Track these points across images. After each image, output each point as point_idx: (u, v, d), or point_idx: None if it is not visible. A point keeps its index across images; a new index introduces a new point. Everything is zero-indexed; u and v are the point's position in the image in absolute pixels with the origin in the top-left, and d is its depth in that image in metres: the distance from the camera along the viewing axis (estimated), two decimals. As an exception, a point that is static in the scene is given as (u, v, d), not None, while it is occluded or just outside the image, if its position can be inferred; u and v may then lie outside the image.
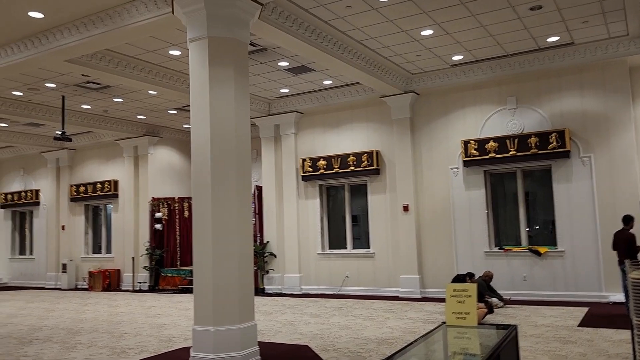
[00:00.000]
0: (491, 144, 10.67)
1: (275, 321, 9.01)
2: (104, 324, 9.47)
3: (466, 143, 10.91)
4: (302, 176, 12.83)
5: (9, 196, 18.13)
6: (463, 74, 10.85)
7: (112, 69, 9.51)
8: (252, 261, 6.61)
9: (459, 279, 9.20)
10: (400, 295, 11.34)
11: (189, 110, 13.39)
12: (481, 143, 10.77)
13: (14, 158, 18.34)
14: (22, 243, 18.42)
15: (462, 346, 4.25)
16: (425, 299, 10.93)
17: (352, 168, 12.17)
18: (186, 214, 15.82)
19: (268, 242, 13.12)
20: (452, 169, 11.24)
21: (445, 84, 11.10)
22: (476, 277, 9.61)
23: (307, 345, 7.02)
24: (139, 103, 12.69)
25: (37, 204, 17.46)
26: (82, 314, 10.81)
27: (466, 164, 10.96)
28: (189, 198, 15.95)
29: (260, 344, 6.51)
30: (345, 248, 12.61)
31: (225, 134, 6.36)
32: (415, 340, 4.01)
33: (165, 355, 6.85)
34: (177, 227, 15.62)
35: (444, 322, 4.55)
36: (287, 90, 12.22)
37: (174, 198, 15.67)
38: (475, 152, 10.82)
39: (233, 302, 6.16)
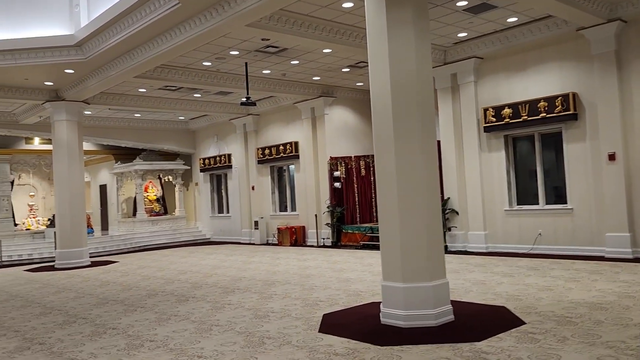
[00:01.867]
0: None
1: (464, 280, 8.54)
2: (294, 277, 9.95)
3: (693, 74, 8.98)
4: (485, 127, 11.89)
5: (207, 161, 20.11)
6: (689, -11, 8.86)
7: (288, 29, 9.64)
8: (440, 217, 6.21)
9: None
10: (607, 256, 9.98)
11: (362, 67, 13.24)
12: None
13: (208, 126, 20.20)
14: (220, 203, 20.42)
15: None
16: (638, 260, 9.47)
17: (544, 115, 10.89)
18: (363, 172, 15.91)
19: (449, 198, 12.55)
20: (673, 107, 9.39)
21: (664, 5, 9.19)
22: None
23: (504, 307, 6.47)
24: (313, 64, 12.85)
25: (230, 167, 19.09)
26: (274, 267, 11.53)
27: (693, 99, 9.05)
28: (365, 156, 15.98)
29: (452, 302, 6.14)
30: (537, 204, 11.48)
31: (406, 80, 5.95)
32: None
33: (355, 309, 6.87)
34: (355, 185, 15.80)
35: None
36: (465, 34, 11.29)
37: (350, 157, 15.83)
38: None
39: (422, 258, 5.85)
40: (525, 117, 11.17)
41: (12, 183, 19.89)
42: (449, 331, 5.51)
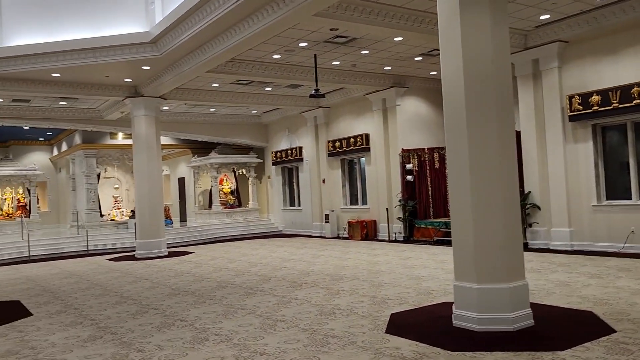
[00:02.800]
0: None
1: (546, 280, 7.94)
2: (363, 272, 9.72)
3: None
4: (570, 116, 11.03)
5: (278, 154, 20.26)
6: None
7: (357, 18, 9.36)
8: (518, 212, 5.74)
9: None
10: None
11: (436, 55, 12.69)
12: None
13: (279, 119, 20.33)
14: (291, 195, 20.53)
15: None
16: None
17: (637, 102, 9.91)
18: (437, 164, 15.36)
19: (529, 192, 11.79)
20: None
21: None
22: None
23: (590, 312, 5.90)
24: (384, 53, 12.48)
25: (301, 159, 19.11)
26: (343, 261, 11.35)
27: None
28: (439, 148, 15.41)
29: (532, 305, 5.66)
30: (629, 198, 10.52)
31: (480, 66, 5.52)
32: None
33: (425, 309, 6.54)
34: (428, 178, 15.28)
35: None
36: (547, 17, 10.50)
37: (423, 149, 15.32)
38: None
39: (499, 257, 5.42)
40: (616, 104, 10.23)
41: (98, 176, 21.02)
42: (528, 337, 5.07)
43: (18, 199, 21.81)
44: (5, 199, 21.62)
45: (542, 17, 10.46)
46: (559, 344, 4.78)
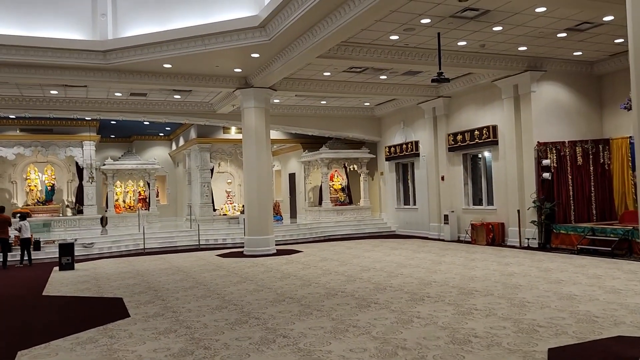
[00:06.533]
0: None
1: None
2: (497, 285, 8.16)
3: None
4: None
5: (392, 149, 18.91)
6: None
7: (495, -19, 7.82)
8: None
9: None
10: None
11: (585, 30, 10.71)
12: None
13: (394, 112, 18.98)
14: (406, 193, 19.09)
15: None
16: None
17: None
18: (579, 160, 13.15)
19: None
20: None
21: None
22: None
23: None
24: (521, 29, 10.69)
25: (417, 155, 17.61)
26: (470, 270, 9.81)
27: None
28: (583, 142, 13.20)
29: None
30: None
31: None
32: None
33: (595, 345, 4.95)
34: (569, 177, 13.12)
35: None
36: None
37: (564, 142, 13.17)
38: None
39: None
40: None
41: (212, 170, 21.13)
42: None
43: (139, 192, 22.62)
44: (127, 191, 22.52)
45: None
46: None
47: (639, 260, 10.24)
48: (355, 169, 20.88)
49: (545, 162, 12.98)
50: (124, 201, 22.35)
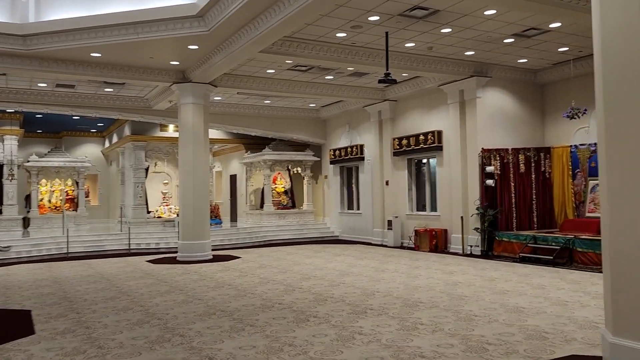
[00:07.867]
0: None
1: None
2: (442, 296, 7.78)
3: None
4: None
5: (337, 152, 18.49)
6: None
7: (446, -23, 7.47)
8: None
9: None
10: None
11: (531, 37, 10.62)
12: None
13: (340, 114, 18.56)
14: (350, 198, 18.70)
15: None
16: None
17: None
18: (522, 168, 13.15)
19: None
20: None
21: None
22: None
23: None
24: (469, 32, 10.48)
25: (362, 159, 17.25)
26: (414, 279, 9.43)
27: None
28: (526, 149, 13.21)
29: None
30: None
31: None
32: None
33: (549, 368, 4.57)
34: (512, 184, 13.09)
35: None
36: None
37: (507, 149, 13.13)
38: None
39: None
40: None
41: (146, 170, 19.97)
42: None
43: (66, 191, 21.10)
44: (53, 191, 20.95)
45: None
46: None
47: (580, 270, 10.21)
48: (299, 171, 20.32)
49: (489, 168, 12.88)
50: (49, 201, 20.77)
